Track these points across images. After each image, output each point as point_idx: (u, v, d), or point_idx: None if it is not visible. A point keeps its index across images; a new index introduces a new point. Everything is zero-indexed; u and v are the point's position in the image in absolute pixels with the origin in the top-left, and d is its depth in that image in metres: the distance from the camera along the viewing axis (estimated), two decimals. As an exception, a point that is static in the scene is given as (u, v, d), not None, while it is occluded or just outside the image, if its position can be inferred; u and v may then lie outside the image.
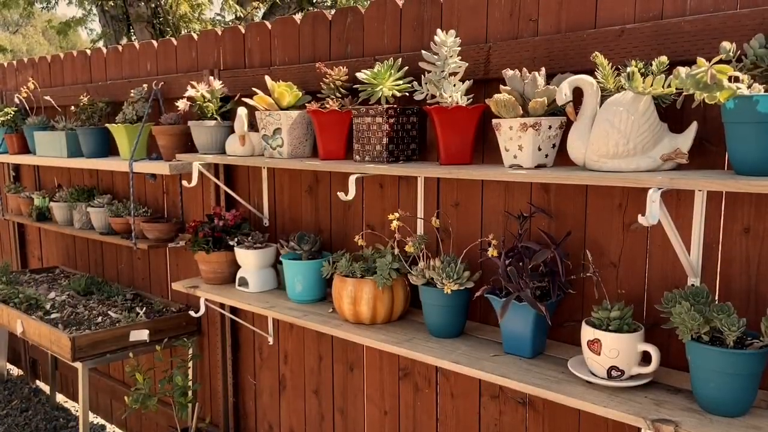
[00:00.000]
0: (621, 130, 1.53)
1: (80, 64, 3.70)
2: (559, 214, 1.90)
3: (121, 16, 8.64)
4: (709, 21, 1.54)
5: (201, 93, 2.58)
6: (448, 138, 1.91)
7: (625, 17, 1.71)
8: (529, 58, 1.85)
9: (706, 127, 1.59)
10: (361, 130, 2.08)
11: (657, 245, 1.73)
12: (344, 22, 2.36)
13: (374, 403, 2.47)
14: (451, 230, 2.15)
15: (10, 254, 4.55)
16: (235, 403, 3.05)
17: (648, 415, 1.47)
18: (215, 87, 2.62)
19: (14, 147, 3.77)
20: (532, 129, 1.67)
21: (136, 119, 2.97)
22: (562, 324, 1.90)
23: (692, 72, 1.35)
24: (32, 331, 3.02)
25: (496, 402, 2.10)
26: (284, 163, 2.30)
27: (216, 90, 2.62)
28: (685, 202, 1.66)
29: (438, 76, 1.88)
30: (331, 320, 2.18)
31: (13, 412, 4.07)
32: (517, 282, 1.76)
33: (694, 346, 1.47)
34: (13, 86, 4.20)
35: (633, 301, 1.75)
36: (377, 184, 2.34)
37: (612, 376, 1.60)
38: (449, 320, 1.97)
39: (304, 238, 2.41)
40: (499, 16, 1.95)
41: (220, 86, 2.62)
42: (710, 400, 1.47)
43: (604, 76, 1.61)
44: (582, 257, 1.84)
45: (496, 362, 1.79)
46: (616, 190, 1.77)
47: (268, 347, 2.85)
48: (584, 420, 1.89)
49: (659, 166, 1.56)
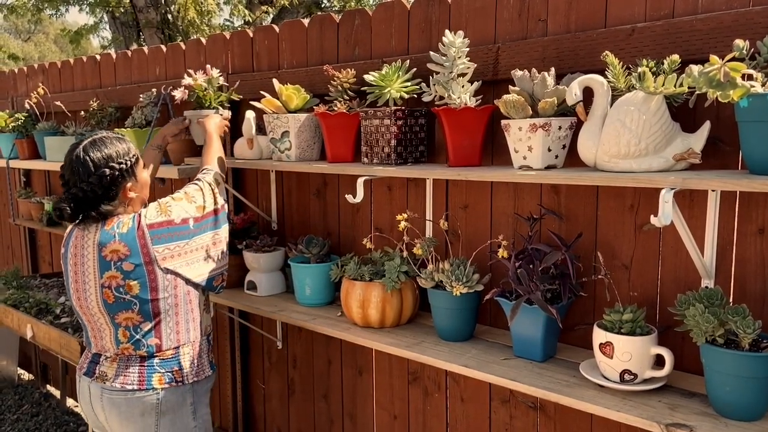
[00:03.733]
0: (632, 129, 1.51)
1: (90, 69, 3.72)
2: (569, 216, 1.88)
3: (131, 23, 8.71)
4: (722, 19, 1.52)
5: (199, 81, 2.50)
6: (457, 139, 1.89)
7: (635, 16, 1.69)
8: (538, 58, 1.83)
9: (719, 127, 1.57)
10: (369, 132, 2.07)
11: (669, 247, 1.70)
12: (352, 25, 2.35)
13: (384, 408, 2.45)
14: (460, 233, 2.13)
15: (20, 259, 4.57)
16: (244, 407, 3.04)
17: (662, 420, 1.44)
18: (213, 75, 2.54)
19: (25, 152, 3.79)
20: (542, 130, 1.66)
21: (145, 123, 2.98)
22: (573, 327, 1.88)
23: (705, 70, 1.33)
24: (42, 336, 3.02)
25: (507, 406, 2.08)
26: (292, 166, 2.29)
27: (214, 78, 2.54)
28: (698, 203, 1.64)
29: (446, 77, 1.87)
30: (340, 324, 2.17)
31: (23, 416, 4.08)
32: (527, 284, 1.74)
33: (709, 349, 1.45)
34: (24, 92, 4.23)
35: (645, 304, 1.73)
36: (385, 186, 2.33)
37: (625, 379, 1.58)
38: (459, 323, 1.95)
39: (312, 241, 2.40)
40: (508, 17, 1.93)
41: (217, 74, 2.55)
42: (725, 404, 1.45)
43: (614, 75, 1.59)
44: (593, 259, 1.82)
45: (506, 366, 1.77)
46: (628, 191, 1.75)
47: (277, 351, 2.84)
48: (596, 424, 1.87)
49: (672, 166, 1.53)
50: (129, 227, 1.88)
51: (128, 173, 1.92)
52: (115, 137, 1.95)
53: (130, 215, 1.92)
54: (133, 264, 1.86)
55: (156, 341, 1.91)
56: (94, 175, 1.85)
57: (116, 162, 1.89)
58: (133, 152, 1.95)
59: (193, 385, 1.97)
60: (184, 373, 1.94)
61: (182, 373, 1.94)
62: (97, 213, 1.89)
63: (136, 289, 1.87)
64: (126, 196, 1.93)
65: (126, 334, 1.90)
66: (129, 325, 1.89)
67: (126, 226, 1.89)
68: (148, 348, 1.90)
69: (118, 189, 1.90)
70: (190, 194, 2.03)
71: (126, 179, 1.92)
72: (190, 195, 2.03)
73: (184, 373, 1.94)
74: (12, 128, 3.78)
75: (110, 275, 1.87)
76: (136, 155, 1.96)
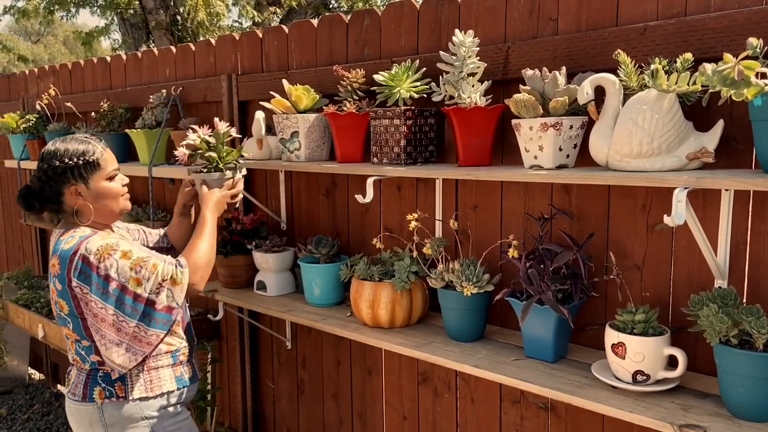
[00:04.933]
0: (645, 128, 1.50)
1: (100, 70, 3.73)
2: (581, 216, 1.87)
3: (141, 24, 8.75)
4: (735, 17, 1.51)
5: (203, 138, 2.01)
6: (467, 139, 1.89)
7: (647, 15, 1.68)
8: (549, 57, 1.82)
9: (733, 125, 1.56)
10: (378, 132, 2.07)
11: (682, 247, 1.69)
12: (361, 25, 2.35)
13: (393, 408, 2.45)
14: (470, 233, 2.13)
15: (31, 259, 4.60)
16: (254, 407, 3.04)
17: (675, 421, 1.43)
18: (221, 129, 2.03)
19: (36, 153, 3.81)
20: (553, 129, 1.65)
21: (155, 124, 2.99)
22: (584, 327, 1.87)
23: (719, 68, 1.32)
24: (53, 335, 3.04)
25: (518, 407, 2.07)
26: (301, 167, 2.29)
27: (222, 134, 2.03)
28: (711, 203, 1.62)
29: (456, 77, 1.87)
30: (350, 324, 2.17)
31: (34, 416, 4.11)
32: (538, 284, 1.73)
33: (723, 350, 1.43)
34: (35, 93, 4.25)
35: (658, 304, 1.71)
36: (395, 186, 2.33)
37: (637, 380, 1.57)
38: (469, 324, 1.95)
39: (321, 241, 2.40)
40: (518, 16, 1.93)
41: (226, 128, 2.05)
42: (739, 404, 1.43)
43: (626, 74, 1.58)
44: (605, 259, 1.81)
45: (517, 366, 1.76)
46: (640, 191, 1.74)
47: (287, 351, 2.84)
48: (608, 425, 1.85)
49: (685, 165, 1.52)
50: (70, 246, 1.77)
51: (75, 174, 1.80)
52: (80, 138, 1.85)
53: (84, 233, 1.80)
54: (61, 284, 1.78)
55: (97, 358, 1.82)
56: (43, 164, 1.82)
57: (66, 158, 1.79)
58: (92, 156, 1.82)
59: (141, 401, 1.84)
60: (127, 389, 1.83)
61: (125, 388, 1.84)
62: (44, 210, 1.85)
63: (66, 309, 1.81)
64: (73, 200, 1.83)
65: (73, 346, 1.87)
66: (72, 339, 1.86)
67: (70, 243, 1.78)
68: (91, 363, 1.84)
69: (61, 187, 1.81)
70: (140, 264, 1.76)
71: (71, 180, 1.81)
72: (139, 265, 1.76)
73: (127, 389, 1.83)
74: (23, 129, 3.80)
75: (52, 288, 1.83)
76: (95, 160, 1.82)
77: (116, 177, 1.90)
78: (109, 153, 1.90)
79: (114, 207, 1.89)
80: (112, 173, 1.88)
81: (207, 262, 1.89)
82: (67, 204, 1.84)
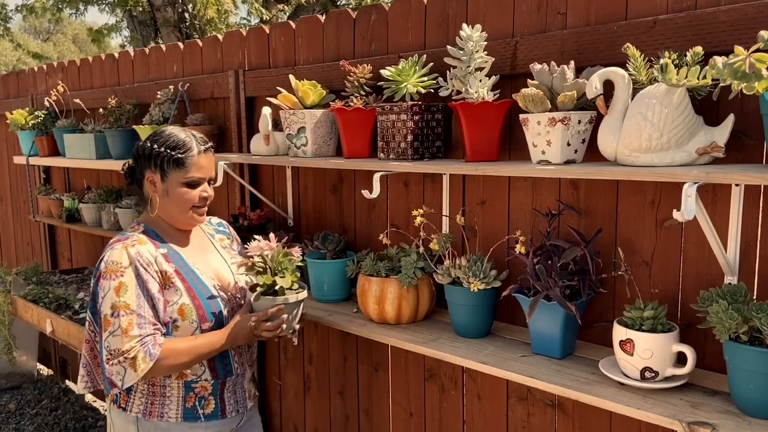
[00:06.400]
0: (654, 123, 1.49)
1: (108, 67, 3.74)
2: (589, 211, 1.86)
3: (149, 21, 8.77)
4: (746, 10, 1.49)
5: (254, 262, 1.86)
6: (474, 134, 1.88)
7: (657, 8, 1.66)
8: (557, 51, 1.81)
9: (744, 120, 1.54)
10: (385, 127, 2.06)
11: (692, 242, 1.67)
12: (368, 20, 2.35)
13: (400, 404, 2.44)
14: (477, 228, 2.12)
15: (40, 255, 4.63)
16: (261, 403, 3.05)
17: (684, 418, 1.42)
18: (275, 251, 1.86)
19: (45, 149, 3.83)
20: (561, 124, 1.64)
21: (162, 120, 3.00)
22: (592, 324, 1.85)
23: (730, 61, 1.30)
24: (61, 331, 3.05)
25: (525, 404, 2.06)
26: (308, 162, 2.29)
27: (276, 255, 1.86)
28: (721, 198, 1.61)
29: (464, 71, 1.85)
30: (356, 320, 2.17)
31: (42, 411, 4.13)
32: (545, 280, 1.72)
33: (732, 347, 1.42)
34: (44, 90, 4.27)
35: (667, 301, 1.70)
36: (402, 182, 2.32)
37: (645, 377, 1.55)
38: (476, 320, 1.94)
39: (328, 237, 2.40)
40: (526, 10, 1.91)
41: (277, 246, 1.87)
42: (749, 402, 1.42)
43: (636, 68, 1.56)
44: (613, 255, 1.80)
45: (524, 363, 1.75)
46: (649, 186, 1.72)
47: (293, 347, 2.84)
48: (616, 422, 1.84)
49: (694, 160, 1.51)
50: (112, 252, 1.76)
51: (156, 163, 1.81)
52: (186, 133, 1.86)
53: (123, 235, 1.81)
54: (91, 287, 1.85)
55: None
56: (146, 142, 1.86)
57: (157, 144, 1.82)
58: (180, 154, 1.80)
59: (138, 419, 1.82)
60: (128, 401, 1.84)
61: (128, 400, 1.84)
62: (130, 185, 1.93)
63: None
64: (149, 187, 1.86)
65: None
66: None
67: (112, 248, 1.78)
68: None
69: (144, 170, 1.85)
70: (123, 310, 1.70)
71: (152, 167, 1.82)
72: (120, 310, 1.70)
73: (128, 401, 1.84)
74: (32, 126, 3.82)
75: None
76: (180, 158, 1.80)
77: (198, 186, 1.84)
78: (207, 160, 1.85)
79: (177, 214, 1.84)
80: (192, 179, 1.82)
81: (176, 368, 1.77)
82: (145, 189, 1.89)
